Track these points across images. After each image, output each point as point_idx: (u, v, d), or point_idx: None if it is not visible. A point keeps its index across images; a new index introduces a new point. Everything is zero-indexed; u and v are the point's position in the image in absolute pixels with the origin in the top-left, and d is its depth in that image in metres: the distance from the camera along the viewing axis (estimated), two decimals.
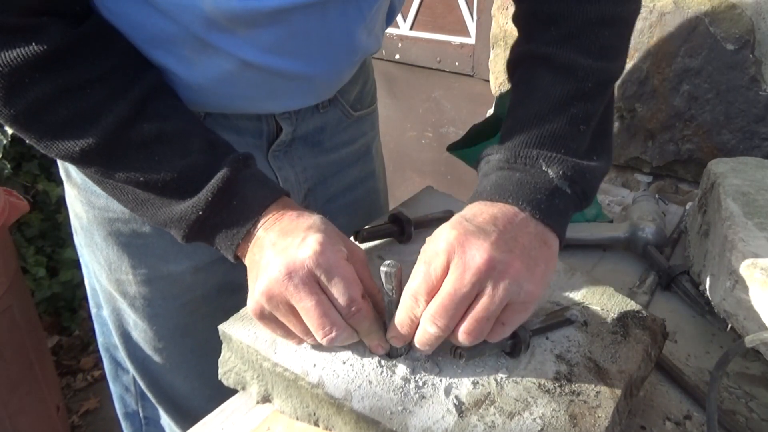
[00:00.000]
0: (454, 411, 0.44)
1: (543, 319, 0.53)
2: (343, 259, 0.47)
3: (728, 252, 0.57)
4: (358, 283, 0.47)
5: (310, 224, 0.50)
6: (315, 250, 0.46)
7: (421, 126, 1.59)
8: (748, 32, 0.88)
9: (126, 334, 0.77)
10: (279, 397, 0.50)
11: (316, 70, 0.61)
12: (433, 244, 0.46)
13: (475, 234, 0.45)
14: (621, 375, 0.48)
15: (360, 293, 0.47)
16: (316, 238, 0.47)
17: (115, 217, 0.67)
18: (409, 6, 1.43)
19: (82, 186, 0.68)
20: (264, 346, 0.50)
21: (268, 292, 0.46)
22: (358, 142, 0.82)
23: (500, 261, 0.44)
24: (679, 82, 0.98)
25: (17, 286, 1.35)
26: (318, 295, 0.46)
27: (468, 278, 0.43)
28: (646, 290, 0.70)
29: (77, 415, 1.74)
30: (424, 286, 0.45)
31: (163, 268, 0.70)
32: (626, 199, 0.95)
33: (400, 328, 0.47)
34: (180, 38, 0.53)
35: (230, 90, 0.59)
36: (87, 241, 0.72)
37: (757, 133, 0.92)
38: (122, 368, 0.84)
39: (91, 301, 0.83)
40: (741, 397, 0.56)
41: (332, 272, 0.46)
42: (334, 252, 0.47)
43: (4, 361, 1.29)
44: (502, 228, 0.46)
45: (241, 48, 0.54)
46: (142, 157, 0.51)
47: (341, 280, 0.46)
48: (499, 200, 0.49)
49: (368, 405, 0.45)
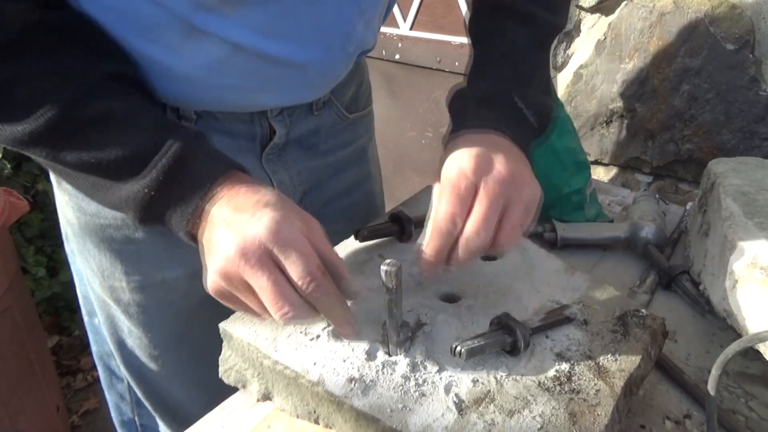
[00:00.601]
0: (453, 409, 0.44)
1: (543, 317, 0.53)
2: (299, 234, 0.45)
3: (728, 252, 0.57)
4: (315, 258, 0.45)
5: (265, 200, 0.47)
6: (268, 226, 0.44)
7: (421, 126, 1.60)
8: (748, 32, 0.88)
9: (121, 341, 0.76)
10: (279, 395, 0.50)
11: (309, 56, 0.59)
12: (456, 169, 0.50)
13: (491, 153, 0.51)
14: (621, 374, 0.48)
15: (318, 268, 0.45)
16: (270, 213, 0.45)
17: (107, 224, 0.66)
18: (409, 6, 1.43)
19: (72, 192, 0.67)
20: (264, 344, 0.50)
21: (223, 270, 0.45)
22: (354, 145, 0.81)
23: (517, 171, 0.51)
24: (679, 82, 0.98)
25: (17, 286, 1.35)
26: (273, 272, 0.44)
27: (500, 190, 0.49)
28: (646, 290, 0.70)
29: (77, 415, 1.74)
30: (459, 206, 0.49)
31: (157, 274, 0.69)
32: (626, 199, 0.95)
33: (436, 252, 0.49)
34: (166, 24, 0.52)
35: (220, 80, 0.58)
36: (79, 247, 0.71)
37: (757, 133, 0.92)
38: (117, 377, 0.83)
39: (83, 309, 0.82)
40: (741, 396, 0.56)
41: (287, 248, 0.44)
42: (289, 227, 0.45)
43: (4, 361, 1.29)
44: (504, 148, 0.54)
45: (230, 29, 0.53)
46: (91, 137, 0.50)
47: (298, 257, 0.44)
48: (486, 130, 0.56)
49: (368, 403, 0.45)
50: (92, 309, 0.79)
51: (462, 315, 0.53)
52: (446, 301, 0.56)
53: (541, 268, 0.61)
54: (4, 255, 1.30)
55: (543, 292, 0.57)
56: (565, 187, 0.81)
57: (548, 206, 0.83)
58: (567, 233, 0.78)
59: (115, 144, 0.49)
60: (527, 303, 0.56)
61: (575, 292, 0.58)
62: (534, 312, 0.54)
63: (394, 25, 1.49)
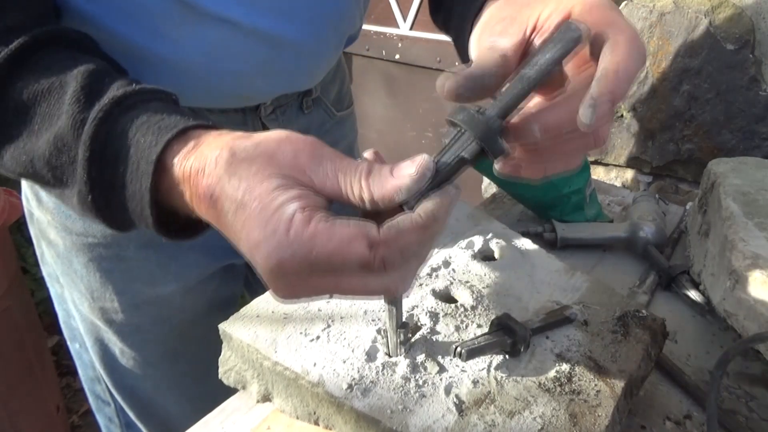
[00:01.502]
0: (454, 410, 0.44)
1: (543, 318, 0.53)
2: (319, 229, 0.32)
3: (728, 252, 0.57)
4: (353, 243, 0.32)
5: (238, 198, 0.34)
6: (282, 242, 0.32)
7: (421, 126, 1.60)
8: (748, 32, 0.88)
9: (111, 364, 0.73)
10: (279, 396, 0.50)
11: (302, 34, 0.59)
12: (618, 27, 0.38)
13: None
14: (621, 374, 0.48)
15: (365, 247, 0.33)
16: (278, 221, 0.33)
17: (95, 242, 0.63)
18: (409, 6, 1.43)
19: (55, 210, 0.63)
20: (264, 345, 0.50)
21: (274, 282, 0.35)
22: (341, 144, 0.82)
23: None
24: (679, 82, 0.98)
25: (17, 286, 1.35)
26: (330, 290, 0.35)
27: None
28: (646, 290, 0.70)
29: (77, 415, 1.74)
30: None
31: (151, 291, 0.67)
32: (626, 199, 0.95)
33: (606, 103, 0.35)
34: (159, 10, 0.50)
35: (216, 65, 0.56)
36: (64, 269, 0.68)
37: (757, 133, 0.92)
38: (102, 400, 0.81)
39: (66, 337, 0.79)
40: (741, 396, 0.56)
41: (320, 261, 0.33)
42: (303, 227, 0.32)
43: (4, 361, 1.29)
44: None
45: (224, 5, 0.52)
46: (19, 129, 0.40)
47: (333, 259, 0.33)
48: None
49: (368, 404, 0.45)
50: (74, 335, 0.77)
51: (462, 315, 0.53)
52: (446, 302, 0.55)
53: (541, 268, 0.61)
54: (4, 255, 1.30)
55: (543, 293, 0.57)
56: (565, 187, 0.81)
57: (548, 206, 0.83)
58: (567, 233, 0.78)
59: (44, 133, 0.40)
60: (527, 303, 0.56)
61: (575, 293, 0.58)
62: (534, 312, 0.54)
63: (394, 25, 1.49)
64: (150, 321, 0.69)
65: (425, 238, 0.35)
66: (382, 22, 1.52)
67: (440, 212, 0.35)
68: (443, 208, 0.35)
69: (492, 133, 0.37)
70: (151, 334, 0.71)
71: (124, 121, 0.38)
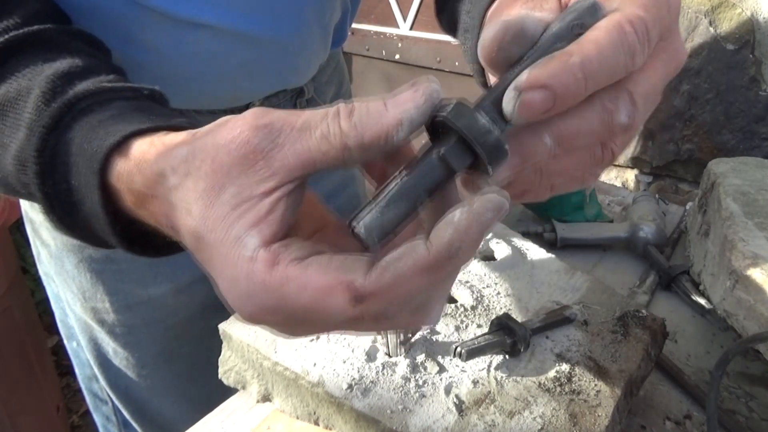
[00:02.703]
0: (454, 410, 0.44)
1: (543, 318, 0.53)
2: (289, 275, 0.25)
3: (728, 252, 0.57)
4: (332, 296, 0.25)
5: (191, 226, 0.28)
6: (262, 286, 0.25)
7: None
8: (748, 32, 0.88)
9: (105, 363, 0.73)
10: (279, 396, 0.50)
11: (285, 31, 0.58)
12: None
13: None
14: (621, 374, 0.48)
15: (347, 284, 0.25)
16: (250, 259, 0.26)
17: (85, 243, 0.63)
18: (409, 6, 1.43)
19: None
20: (264, 345, 0.50)
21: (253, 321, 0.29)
22: None
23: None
24: (679, 82, 0.98)
25: (17, 286, 1.35)
26: (314, 330, 0.30)
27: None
28: (646, 290, 0.70)
29: (77, 415, 1.74)
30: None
31: (142, 292, 0.67)
32: (626, 199, 0.95)
33: (538, 94, 0.25)
34: (134, 18, 0.49)
35: (201, 69, 0.55)
36: (57, 269, 0.68)
37: (757, 133, 0.92)
38: (100, 399, 0.81)
39: (63, 335, 0.79)
40: (741, 396, 0.55)
41: (296, 313, 0.26)
42: (279, 263, 0.25)
43: (4, 361, 1.29)
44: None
45: (203, 11, 0.51)
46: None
47: (309, 315, 0.26)
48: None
49: (368, 404, 0.45)
50: (71, 333, 0.77)
51: (462, 315, 0.53)
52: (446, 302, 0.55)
53: (541, 268, 0.61)
54: (4, 255, 1.30)
55: (543, 293, 0.57)
56: None
57: (548, 206, 0.83)
58: (567, 233, 0.78)
59: (7, 150, 0.36)
60: (527, 303, 0.56)
61: (575, 293, 0.58)
62: (534, 312, 0.54)
63: (394, 25, 1.49)
64: (142, 321, 0.69)
65: (437, 280, 0.25)
66: (382, 22, 1.52)
67: (465, 241, 0.23)
68: (470, 235, 0.24)
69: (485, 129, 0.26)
70: (143, 335, 0.70)
71: (77, 127, 0.33)
